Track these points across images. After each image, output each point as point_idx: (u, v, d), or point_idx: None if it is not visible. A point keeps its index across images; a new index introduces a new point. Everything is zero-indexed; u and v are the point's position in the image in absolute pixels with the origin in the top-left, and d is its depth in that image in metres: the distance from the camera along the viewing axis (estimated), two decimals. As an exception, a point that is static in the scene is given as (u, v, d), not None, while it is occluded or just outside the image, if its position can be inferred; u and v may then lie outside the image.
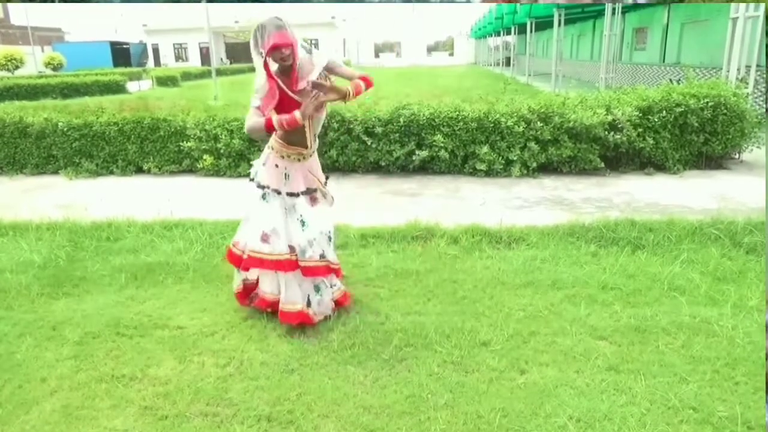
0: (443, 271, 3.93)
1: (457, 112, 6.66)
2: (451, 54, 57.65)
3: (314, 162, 3.21)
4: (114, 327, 3.21)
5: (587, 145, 6.55)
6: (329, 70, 2.96)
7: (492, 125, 6.60)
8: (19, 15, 50.15)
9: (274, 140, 3.07)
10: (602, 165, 6.62)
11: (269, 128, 2.86)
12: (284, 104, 2.89)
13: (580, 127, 6.42)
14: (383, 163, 6.82)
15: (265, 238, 3.05)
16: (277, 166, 3.07)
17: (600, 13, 20.47)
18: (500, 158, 6.61)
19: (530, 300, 3.45)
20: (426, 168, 6.88)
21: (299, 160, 3.09)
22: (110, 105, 8.24)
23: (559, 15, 17.36)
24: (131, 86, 25.00)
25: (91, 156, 7.39)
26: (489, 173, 6.66)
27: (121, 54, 48.89)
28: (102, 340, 3.08)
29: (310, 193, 3.16)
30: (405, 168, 6.88)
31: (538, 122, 6.52)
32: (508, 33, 32.69)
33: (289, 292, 3.11)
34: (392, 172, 6.90)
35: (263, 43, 2.75)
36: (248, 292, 3.38)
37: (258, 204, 3.11)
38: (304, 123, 2.90)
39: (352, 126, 6.72)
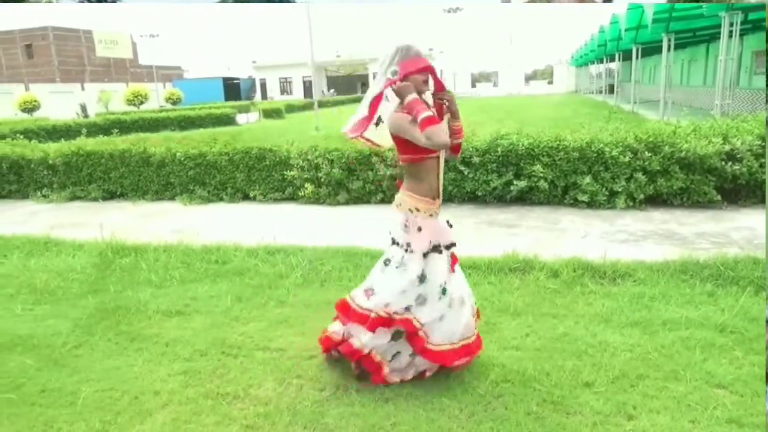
0: (542, 305, 3.80)
1: (558, 142, 6.50)
2: (550, 82, 56.52)
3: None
4: (220, 346, 3.38)
5: (701, 177, 6.12)
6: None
7: (595, 155, 6.36)
8: (146, 56, 55.64)
9: (408, 197, 2.75)
10: (718, 197, 6.15)
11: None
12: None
13: (694, 157, 6.03)
14: (480, 193, 6.76)
15: None
16: (420, 229, 2.74)
17: (714, 37, 19.31)
18: (604, 189, 6.33)
19: (638, 340, 3.25)
20: (524, 198, 6.74)
21: (431, 215, 2.80)
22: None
23: (669, 40, 16.55)
24: (240, 118, 26.60)
25: (203, 183, 7.94)
26: (591, 205, 6.39)
27: (232, 88, 52.79)
28: (209, 359, 3.25)
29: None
30: (502, 198, 6.77)
31: (646, 152, 6.20)
32: (612, 60, 31.59)
33: None
34: (489, 203, 6.82)
35: (402, 61, 2.74)
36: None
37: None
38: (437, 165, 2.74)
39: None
